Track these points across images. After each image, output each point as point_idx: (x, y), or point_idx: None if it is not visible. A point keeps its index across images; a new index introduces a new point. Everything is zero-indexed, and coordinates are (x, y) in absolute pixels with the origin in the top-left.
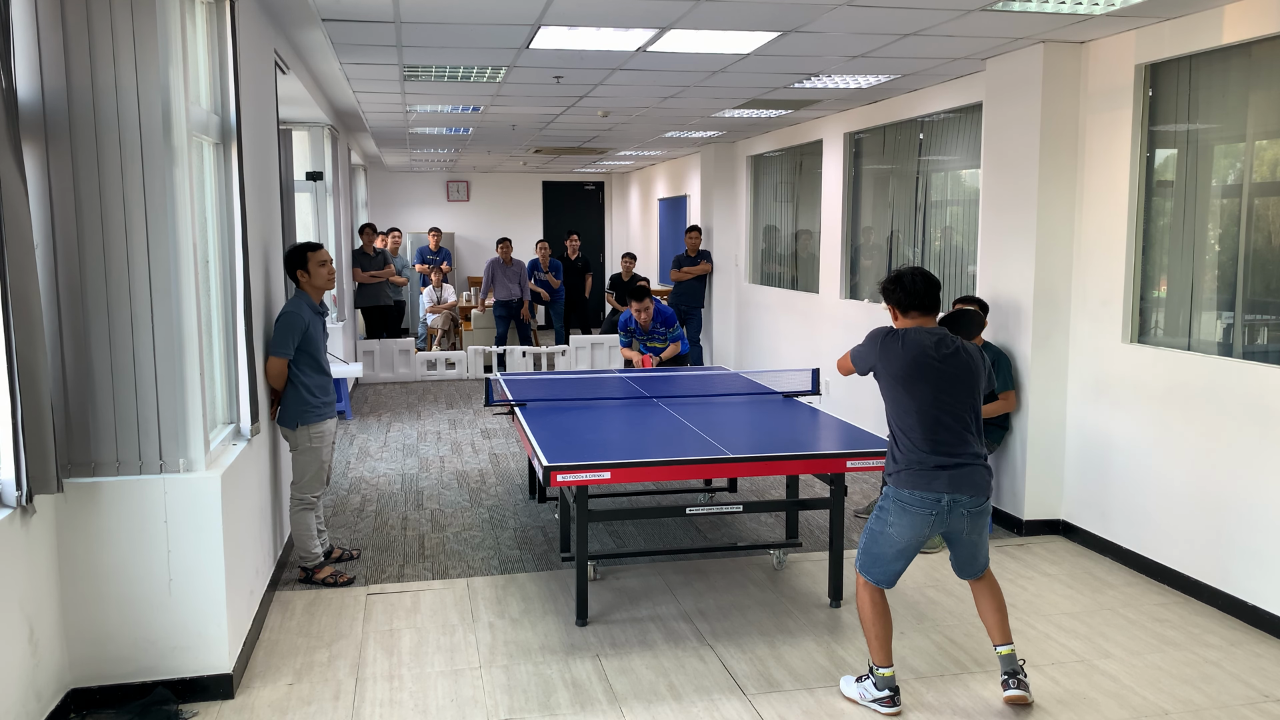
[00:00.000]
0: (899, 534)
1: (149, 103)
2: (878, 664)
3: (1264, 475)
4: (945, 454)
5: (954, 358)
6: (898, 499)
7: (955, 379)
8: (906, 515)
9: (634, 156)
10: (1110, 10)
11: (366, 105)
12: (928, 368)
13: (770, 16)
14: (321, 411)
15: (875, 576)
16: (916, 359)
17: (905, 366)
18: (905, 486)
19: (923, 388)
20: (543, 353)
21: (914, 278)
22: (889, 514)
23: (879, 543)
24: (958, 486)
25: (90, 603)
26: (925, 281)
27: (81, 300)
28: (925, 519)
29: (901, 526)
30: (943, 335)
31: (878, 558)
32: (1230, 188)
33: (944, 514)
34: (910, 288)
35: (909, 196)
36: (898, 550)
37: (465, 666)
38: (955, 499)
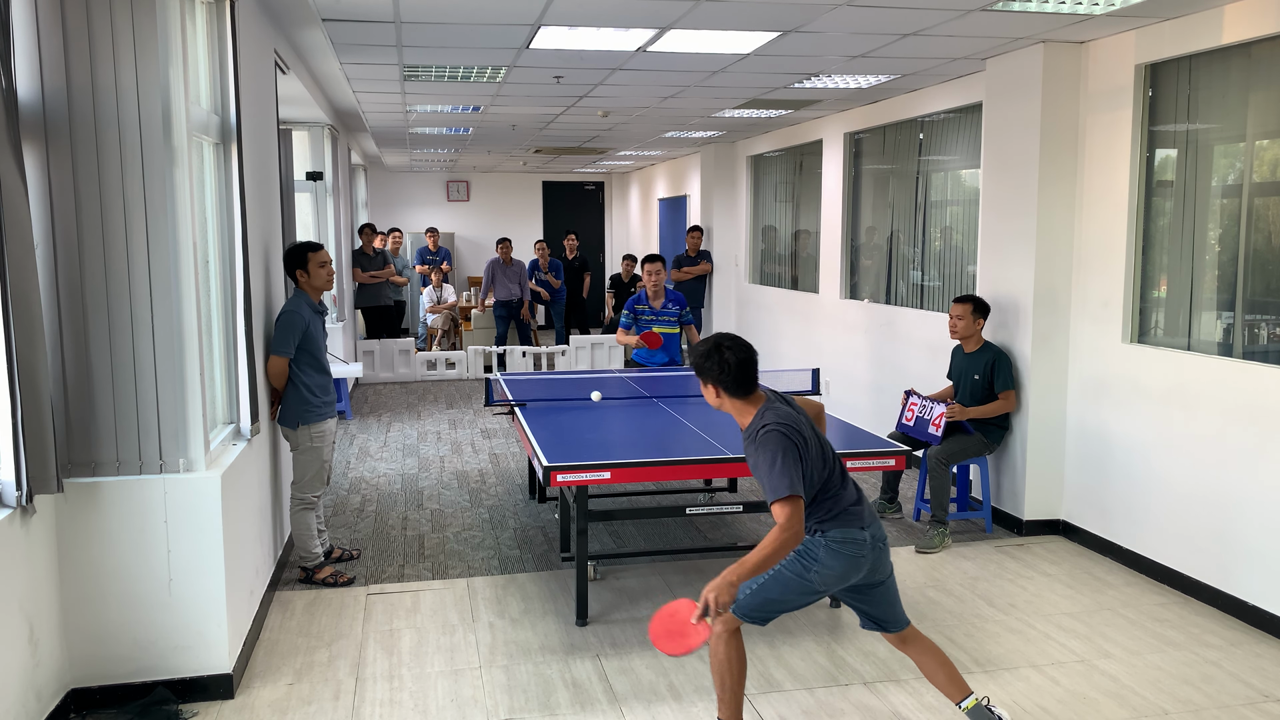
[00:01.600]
0: (821, 577)
1: (149, 103)
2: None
3: (1264, 475)
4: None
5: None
6: (829, 542)
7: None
8: (838, 558)
9: (634, 156)
10: (1110, 10)
11: (366, 105)
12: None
13: (770, 16)
14: (322, 411)
15: (758, 617)
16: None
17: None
18: (836, 527)
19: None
20: (543, 353)
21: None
22: (815, 559)
23: (786, 585)
24: (875, 519)
25: (90, 603)
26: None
27: (81, 300)
28: (855, 561)
29: (829, 570)
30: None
31: (772, 600)
32: (1230, 188)
33: (870, 552)
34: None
35: (909, 196)
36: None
37: (465, 666)
38: (875, 535)
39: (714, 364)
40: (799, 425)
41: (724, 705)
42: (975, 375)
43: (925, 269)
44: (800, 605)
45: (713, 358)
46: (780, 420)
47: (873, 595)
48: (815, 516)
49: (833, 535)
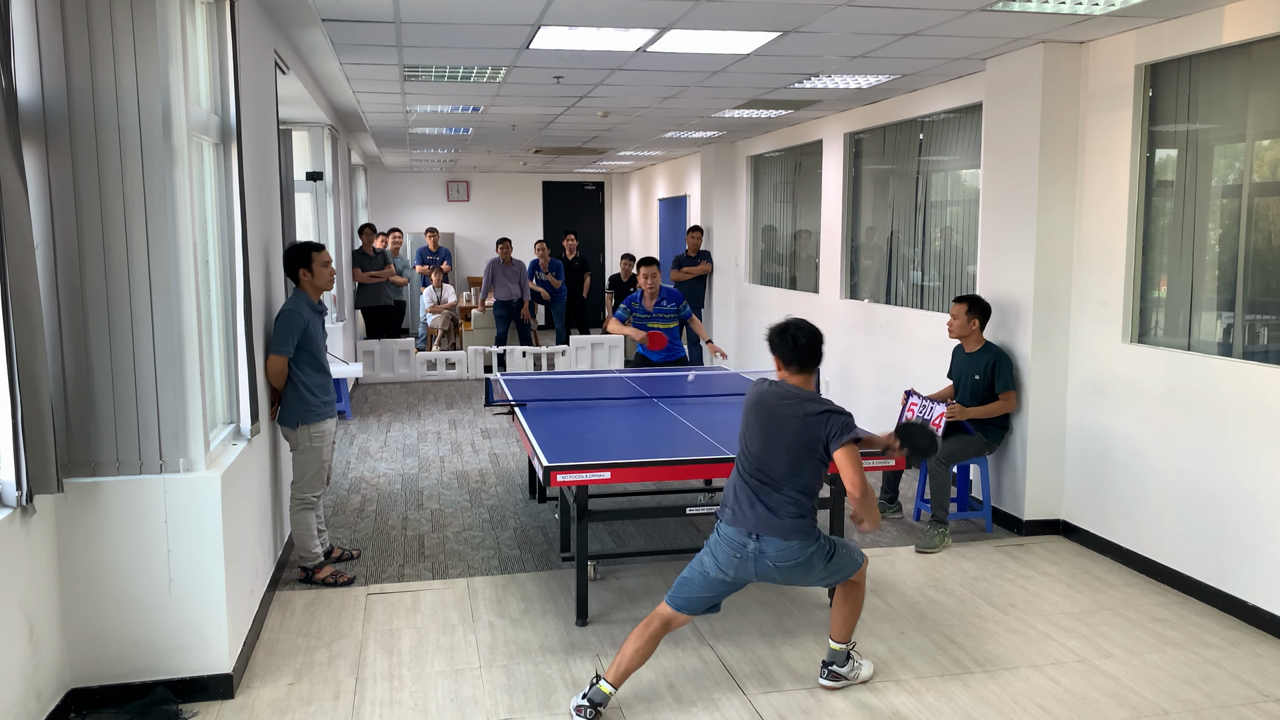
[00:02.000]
0: (709, 562)
1: (149, 103)
2: (609, 681)
3: (1264, 475)
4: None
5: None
6: (716, 528)
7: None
8: (720, 546)
9: (634, 156)
10: (1110, 10)
11: (366, 105)
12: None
13: (770, 16)
14: (322, 411)
15: (674, 597)
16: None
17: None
18: (722, 518)
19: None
20: (543, 353)
21: (797, 333)
22: (709, 541)
23: (693, 566)
24: (766, 530)
25: (90, 603)
26: (810, 337)
27: (81, 300)
28: (733, 559)
29: (711, 556)
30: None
31: (685, 580)
32: (1230, 188)
33: (750, 559)
34: (793, 343)
35: (909, 196)
36: (704, 580)
37: (465, 666)
38: (761, 547)
39: (780, 339)
40: (754, 408)
41: (612, 666)
42: (976, 375)
43: (925, 269)
44: (706, 593)
45: (782, 335)
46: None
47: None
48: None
49: (718, 524)
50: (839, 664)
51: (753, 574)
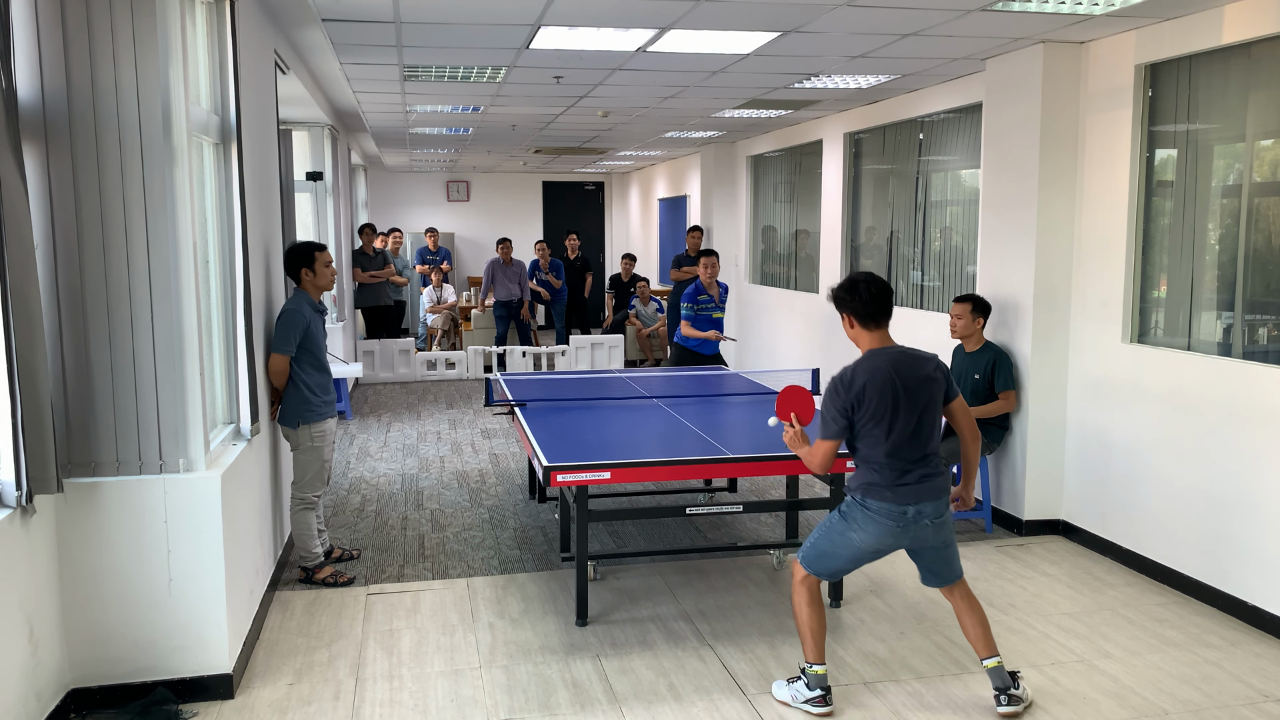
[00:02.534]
0: (861, 540)
1: (149, 103)
2: (812, 661)
3: (1264, 475)
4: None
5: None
6: (865, 507)
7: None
8: (873, 524)
9: (634, 156)
10: (1110, 10)
11: (366, 105)
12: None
13: (770, 16)
14: (322, 411)
15: (823, 574)
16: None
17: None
18: (873, 497)
19: (894, 415)
20: (543, 353)
21: (869, 286)
22: (855, 520)
23: (833, 540)
24: (921, 497)
25: (90, 603)
26: (881, 288)
27: (81, 300)
28: (890, 529)
29: (865, 534)
30: (900, 351)
31: (828, 555)
32: (1230, 188)
33: (909, 525)
34: (866, 297)
35: (909, 196)
36: (854, 555)
37: (465, 666)
38: (920, 510)
39: (851, 295)
40: (863, 380)
41: (805, 648)
42: (976, 375)
43: (925, 269)
44: (851, 564)
45: (853, 290)
46: (850, 371)
47: (923, 557)
48: (858, 478)
49: (868, 503)
50: (1011, 686)
51: (909, 540)
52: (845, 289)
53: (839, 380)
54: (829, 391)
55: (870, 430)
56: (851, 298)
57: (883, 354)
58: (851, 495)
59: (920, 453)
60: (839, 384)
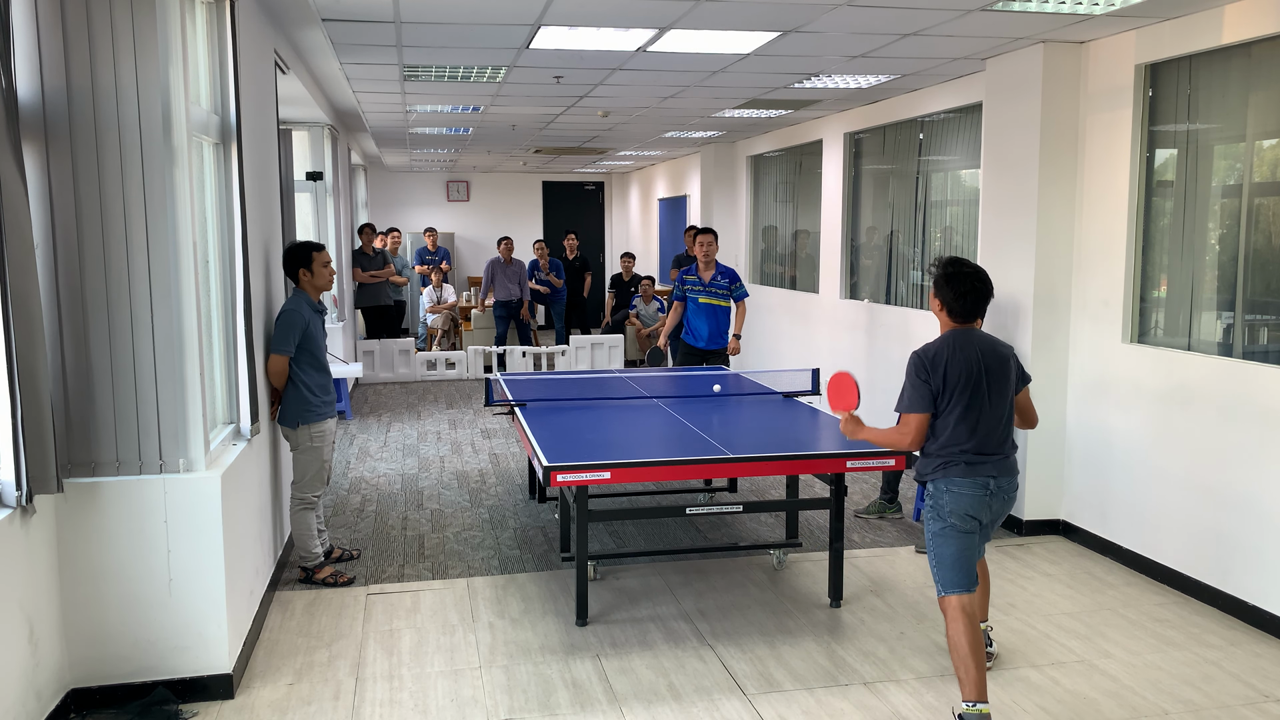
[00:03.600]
0: (958, 521)
1: (149, 103)
2: (974, 699)
3: (1264, 475)
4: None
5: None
6: (950, 486)
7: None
8: (961, 500)
9: (634, 156)
10: (1110, 10)
11: (366, 105)
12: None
13: (770, 16)
14: (322, 411)
15: (962, 583)
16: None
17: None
18: (956, 474)
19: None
20: (543, 353)
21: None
22: (943, 505)
23: (948, 542)
24: (1001, 471)
25: (90, 603)
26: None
27: (81, 300)
28: (977, 498)
29: (958, 511)
30: (981, 335)
31: (951, 559)
32: (1230, 188)
33: (991, 498)
34: (963, 291)
35: (909, 196)
36: (963, 540)
37: (465, 666)
38: (999, 483)
39: (949, 286)
40: (949, 360)
41: (963, 686)
42: None
43: (925, 269)
44: (970, 549)
45: (953, 282)
46: (930, 347)
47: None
48: (930, 463)
49: (951, 481)
50: (989, 645)
51: (990, 513)
52: (946, 278)
53: (923, 356)
54: (913, 367)
55: (951, 409)
56: (950, 289)
57: (965, 334)
58: (930, 483)
59: (1000, 435)
60: (923, 359)
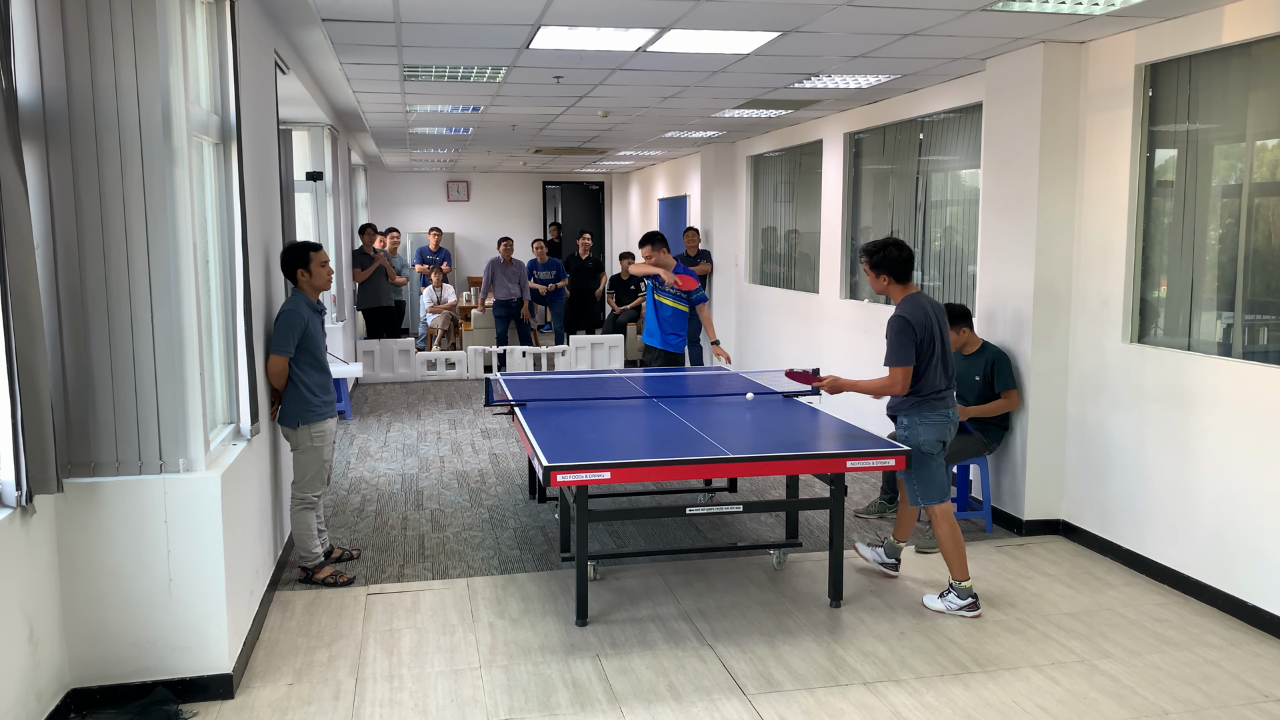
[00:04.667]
0: (931, 441)
1: (149, 103)
2: (960, 579)
3: (1264, 475)
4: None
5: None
6: (921, 420)
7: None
8: (932, 428)
9: (634, 156)
10: (1110, 10)
11: (366, 105)
12: (940, 328)
13: (770, 16)
14: (322, 411)
15: (943, 495)
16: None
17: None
18: (926, 410)
19: (942, 346)
20: (543, 353)
21: (900, 248)
22: (918, 433)
23: (925, 465)
24: (950, 404)
25: (90, 603)
26: (909, 250)
27: (81, 300)
28: (943, 424)
29: (932, 435)
30: (926, 296)
31: (933, 477)
32: (1230, 188)
33: (950, 424)
34: (901, 258)
35: (909, 196)
36: (938, 459)
37: (465, 666)
38: (951, 412)
39: (886, 257)
40: (926, 321)
41: (952, 570)
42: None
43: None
44: (940, 465)
45: (887, 251)
46: (911, 312)
47: None
48: (907, 402)
49: (925, 414)
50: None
51: (949, 434)
52: (884, 254)
53: (904, 319)
54: (900, 328)
55: (929, 357)
56: (892, 261)
57: (922, 298)
58: (906, 417)
59: (951, 369)
60: (907, 323)
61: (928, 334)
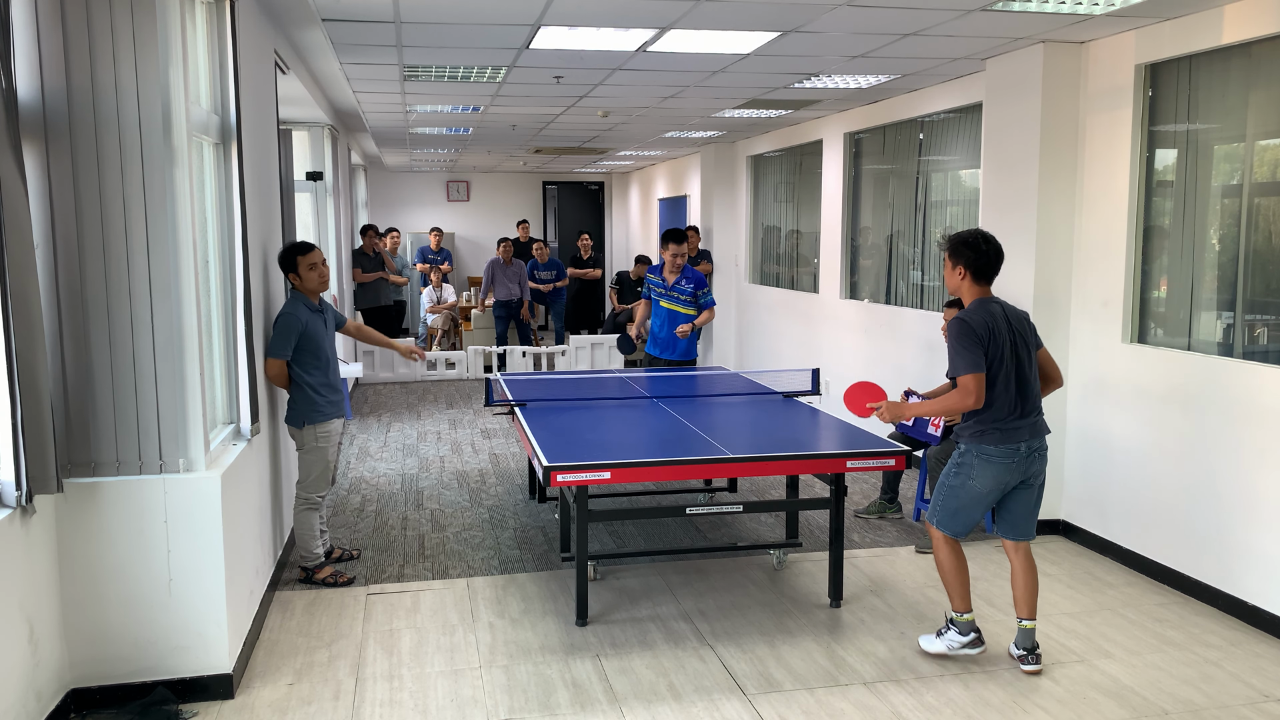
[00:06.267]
0: (982, 485)
1: (149, 103)
2: (960, 611)
3: (1264, 475)
4: (1028, 410)
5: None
6: (981, 454)
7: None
8: (991, 467)
9: (634, 156)
10: (1110, 10)
11: (366, 105)
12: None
13: (770, 16)
14: (329, 411)
15: (954, 529)
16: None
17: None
18: (989, 443)
19: (1013, 358)
20: (543, 353)
21: (989, 242)
22: (971, 468)
23: (958, 496)
24: (1035, 433)
25: (90, 603)
26: (999, 249)
27: (81, 300)
28: (1007, 467)
29: (985, 479)
30: (1003, 303)
31: (960, 511)
32: (1230, 188)
33: (1023, 461)
34: (988, 254)
35: (909, 196)
36: (979, 501)
37: (465, 666)
38: (1030, 445)
39: (972, 250)
40: (993, 328)
41: (952, 601)
42: None
43: (925, 269)
44: (980, 512)
45: (974, 245)
46: (973, 315)
47: (1017, 500)
48: (971, 427)
49: (984, 449)
50: (1037, 647)
51: (1021, 475)
52: (966, 242)
53: (966, 323)
54: (961, 333)
55: (998, 372)
56: (973, 253)
57: (995, 303)
58: (966, 445)
59: (1032, 392)
60: (968, 326)
61: (995, 343)
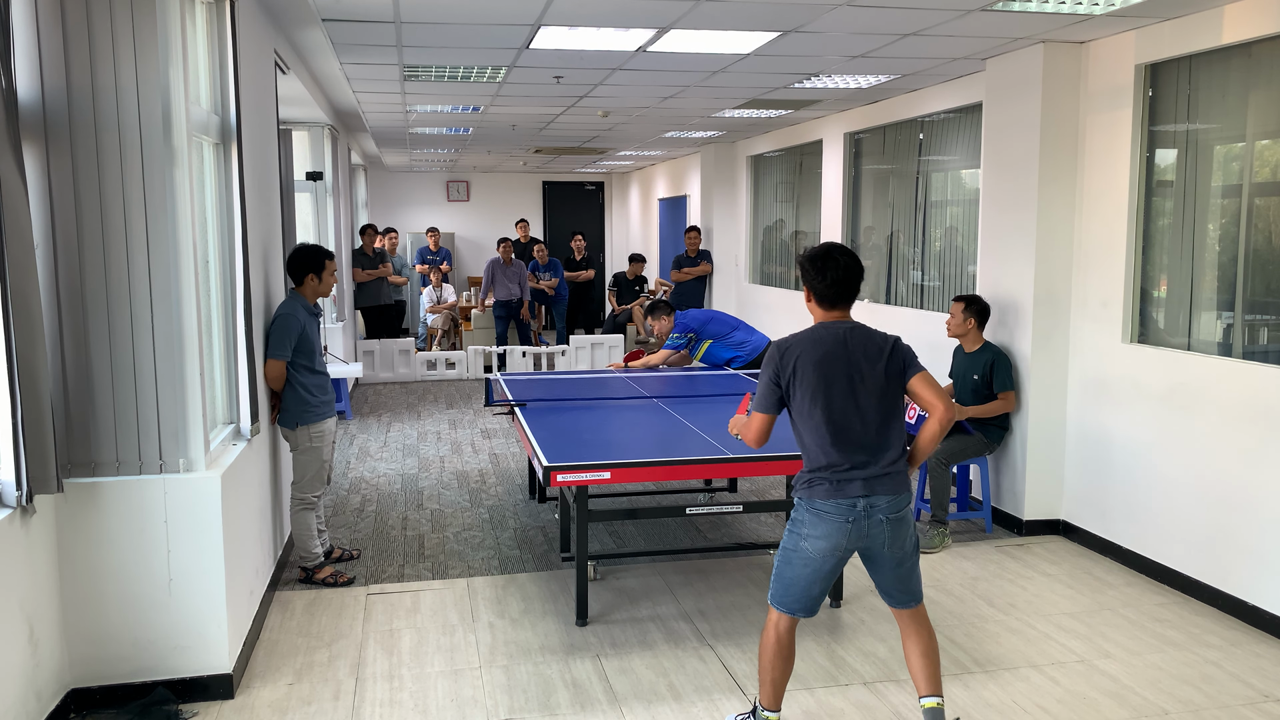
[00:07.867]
0: (813, 547)
1: (149, 103)
2: (766, 707)
3: (1264, 475)
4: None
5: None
6: (812, 508)
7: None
8: (821, 524)
9: (634, 156)
10: (1110, 10)
11: (366, 105)
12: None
13: (770, 16)
14: (321, 411)
15: (791, 607)
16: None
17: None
18: (818, 495)
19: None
20: (543, 353)
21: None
22: (803, 525)
23: (791, 563)
24: (874, 489)
25: (90, 603)
26: (850, 272)
27: (81, 300)
28: (840, 526)
29: (816, 539)
30: (852, 326)
31: (791, 582)
32: (1230, 188)
33: (861, 522)
34: (829, 278)
35: (909, 196)
36: (814, 569)
37: (465, 666)
38: (871, 503)
39: (816, 271)
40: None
41: (761, 692)
42: (975, 375)
43: (925, 269)
44: (815, 583)
45: (820, 266)
46: (784, 340)
47: (879, 567)
48: (802, 475)
49: (814, 502)
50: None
51: (861, 540)
52: (812, 262)
53: (774, 347)
54: (765, 360)
55: (810, 411)
56: (816, 274)
57: (831, 326)
58: (797, 498)
59: (876, 440)
60: (773, 351)
61: (814, 374)
